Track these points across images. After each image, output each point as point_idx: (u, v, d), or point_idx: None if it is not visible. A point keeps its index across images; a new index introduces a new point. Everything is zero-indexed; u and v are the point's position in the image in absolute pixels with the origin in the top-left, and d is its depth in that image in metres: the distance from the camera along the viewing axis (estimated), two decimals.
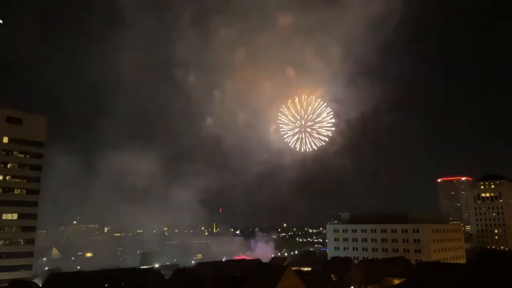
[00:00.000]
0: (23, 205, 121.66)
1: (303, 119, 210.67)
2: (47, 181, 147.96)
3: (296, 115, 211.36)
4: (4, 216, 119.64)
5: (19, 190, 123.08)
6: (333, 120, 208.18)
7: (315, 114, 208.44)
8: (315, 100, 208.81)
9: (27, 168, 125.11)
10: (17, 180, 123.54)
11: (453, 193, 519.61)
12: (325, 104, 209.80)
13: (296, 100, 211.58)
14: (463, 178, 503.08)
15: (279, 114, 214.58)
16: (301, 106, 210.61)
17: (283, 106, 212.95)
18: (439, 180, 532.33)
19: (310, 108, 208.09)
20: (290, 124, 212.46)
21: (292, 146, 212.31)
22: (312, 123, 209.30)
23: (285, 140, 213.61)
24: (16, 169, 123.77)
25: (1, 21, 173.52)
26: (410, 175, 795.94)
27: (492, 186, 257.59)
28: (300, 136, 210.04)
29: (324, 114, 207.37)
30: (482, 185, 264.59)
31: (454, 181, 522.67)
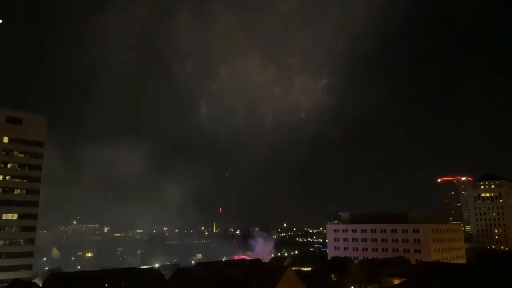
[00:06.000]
0: (23, 205, 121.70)
1: None
2: (47, 180, 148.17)
3: None
4: (4, 216, 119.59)
5: (19, 190, 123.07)
6: None
7: None
8: None
9: (27, 168, 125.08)
10: (17, 180, 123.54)
11: (453, 193, 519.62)
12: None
13: None
14: (463, 178, 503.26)
15: None
16: None
17: None
18: (439, 180, 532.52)
19: None
20: None
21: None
22: None
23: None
24: (16, 169, 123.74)
25: (1, 21, 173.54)
26: (410, 175, 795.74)
27: (492, 186, 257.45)
28: None
29: None
30: (482, 185, 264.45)
31: (454, 181, 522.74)
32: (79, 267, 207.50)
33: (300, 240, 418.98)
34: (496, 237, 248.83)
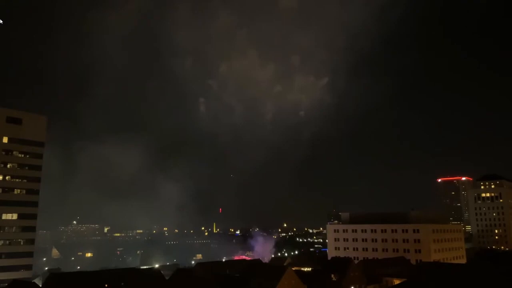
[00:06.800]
0: (23, 205, 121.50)
1: None
2: (47, 180, 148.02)
3: None
4: (4, 216, 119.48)
5: (19, 190, 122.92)
6: None
7: None
8: None
9: (27, 168, 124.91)
10: (17, 180, 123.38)
11: (453, 193, 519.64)
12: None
13: None
14: (463, 178, 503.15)
15: None
16: None
17: None
18: (439, 180, 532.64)
19: None
20: None
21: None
22: None
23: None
24: (16, 169, 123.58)
25: (1, 21, 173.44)
26: (410, 175, 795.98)
27: (492, 186, 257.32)
28: None
29: None
30: (482, 185, 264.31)
31: (454, 181, 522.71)
32: (79, 267, 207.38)
33: (300, 240, 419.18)
34: (496, 237, 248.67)
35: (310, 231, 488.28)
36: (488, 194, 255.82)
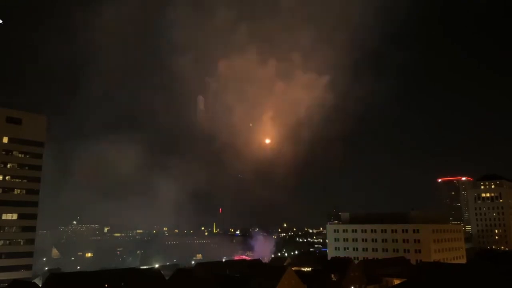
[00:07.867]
0: (23, 205, 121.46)
1: None
2: (47, 180, 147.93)
3: None
4: (4, 216, 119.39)
5: (19, 190, 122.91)
6: None
7: None
8: None
9: (27, 168, 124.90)
10: (17, 180, 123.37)
11: (453, 193, 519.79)
12: None
13: None
14: (463, 178, 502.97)
15: None
16: None
17: None
18: (439, 180, 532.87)
19: None
20: None
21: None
22: None
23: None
24: (16, 169, 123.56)
25: (1, 21, 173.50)
26: (410, 175, 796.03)
27: (492, 186, 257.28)
28: None
29: None
30: (482, 185, 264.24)
31: (454, 181, 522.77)
32: (79, 267, 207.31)
33: (300, 240, 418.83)
34: (497, 237, 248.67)
35: (310, 231, 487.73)
36: (488, 194, 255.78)
